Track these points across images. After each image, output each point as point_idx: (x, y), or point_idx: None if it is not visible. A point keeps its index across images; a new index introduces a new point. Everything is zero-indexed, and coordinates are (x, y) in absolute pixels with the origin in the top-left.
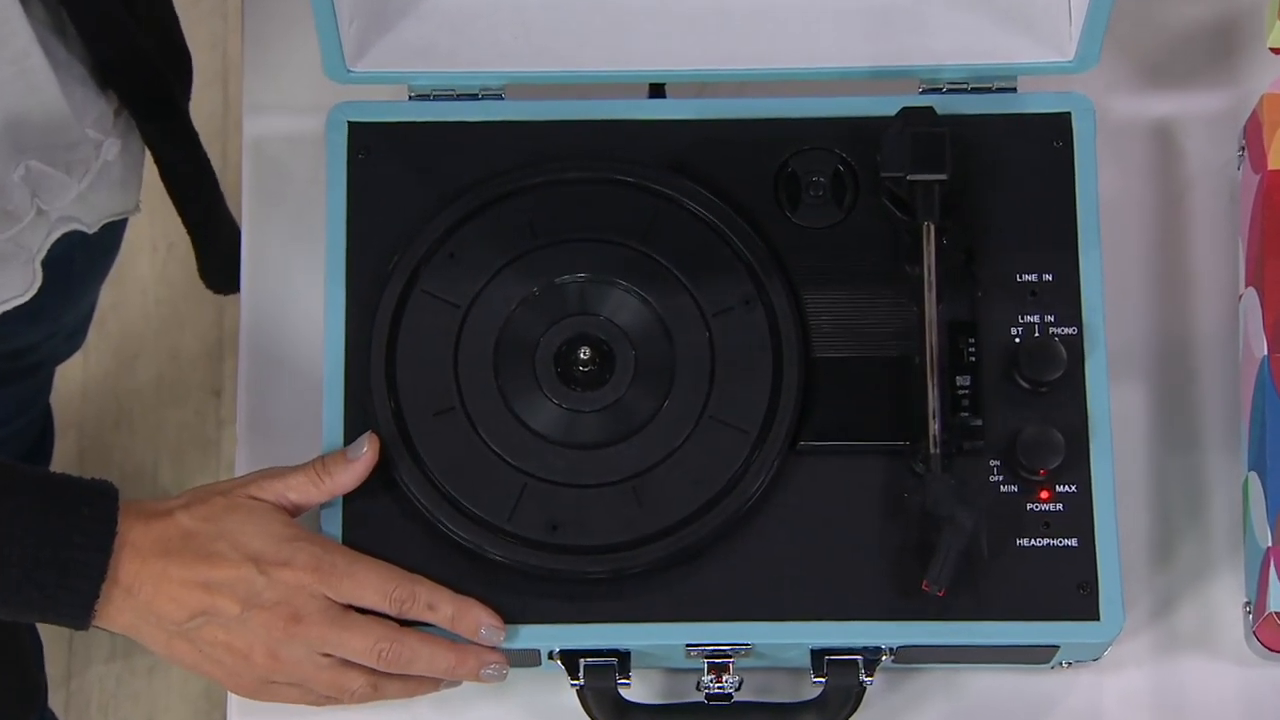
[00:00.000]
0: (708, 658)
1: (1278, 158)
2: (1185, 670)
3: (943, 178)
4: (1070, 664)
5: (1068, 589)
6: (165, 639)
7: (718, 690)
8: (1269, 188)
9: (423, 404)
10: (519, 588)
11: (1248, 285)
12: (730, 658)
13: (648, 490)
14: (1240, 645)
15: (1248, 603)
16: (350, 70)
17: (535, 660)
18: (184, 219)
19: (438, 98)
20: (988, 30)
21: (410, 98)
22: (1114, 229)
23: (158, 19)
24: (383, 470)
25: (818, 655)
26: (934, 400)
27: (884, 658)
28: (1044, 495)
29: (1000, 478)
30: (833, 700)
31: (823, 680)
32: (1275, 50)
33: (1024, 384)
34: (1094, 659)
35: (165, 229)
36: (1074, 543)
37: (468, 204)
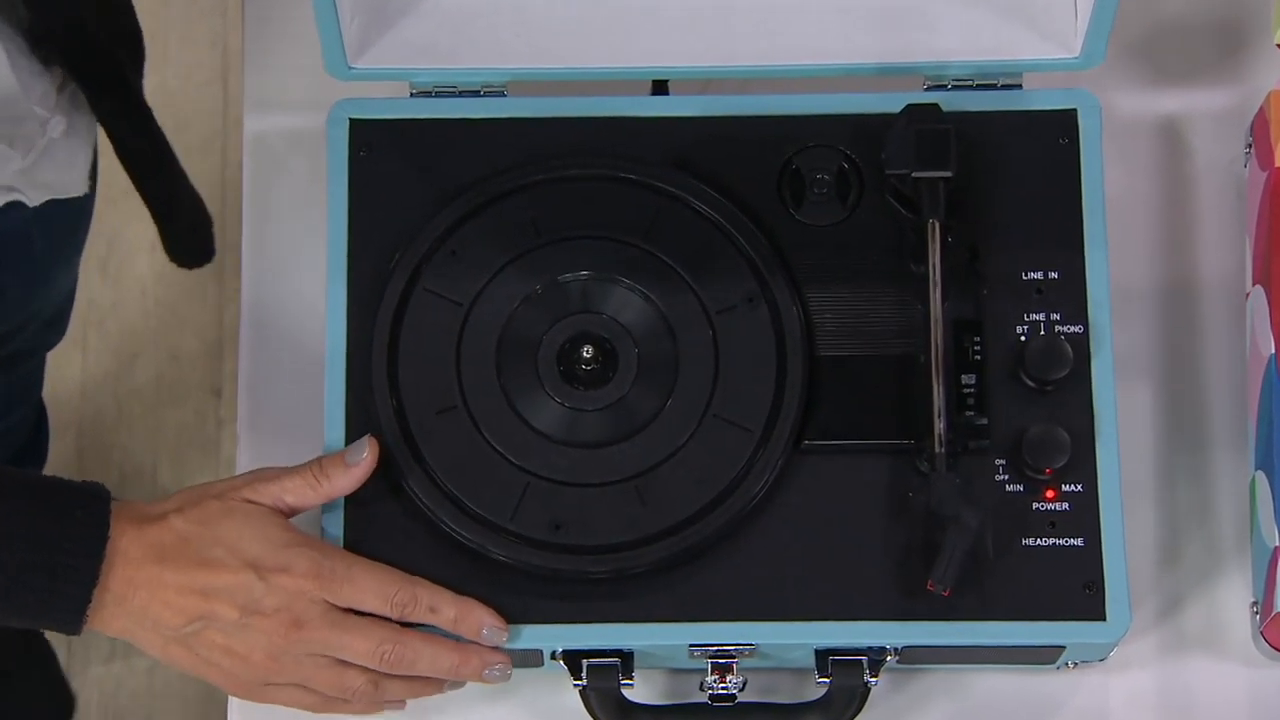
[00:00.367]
0: (711, 658)
1: None
2: (1192, 670)
3: (948, 175)
4: (1076, 664)
5: (1073, 589)
6: (161, 643)
7: (721, 691)
8: (1276, 185)
9: (425, 403)
10: (521, 587)
11: (1255, 283)
12: (734, 658)
13: (651, 489)
14: (1247, 645)
15: (1255, 602)
16: (351, 67)
17: (538, 660)
18: (143, 196)
19: (439, 95)
20: (993, 27)
21: (412, 95)
22: (1120, 227)
23: None
24: (385, 469)
25: (822, 655)
26: (939, 399)
27: (889, 658)
28: (1050, 494)
29: (1006, 477)
30: (837, 701)
31: (827, 681)
32: None
33: (1030, 383)
34: (1100, 659)
35: None
36: (1080, 542)
37: (470, 201)
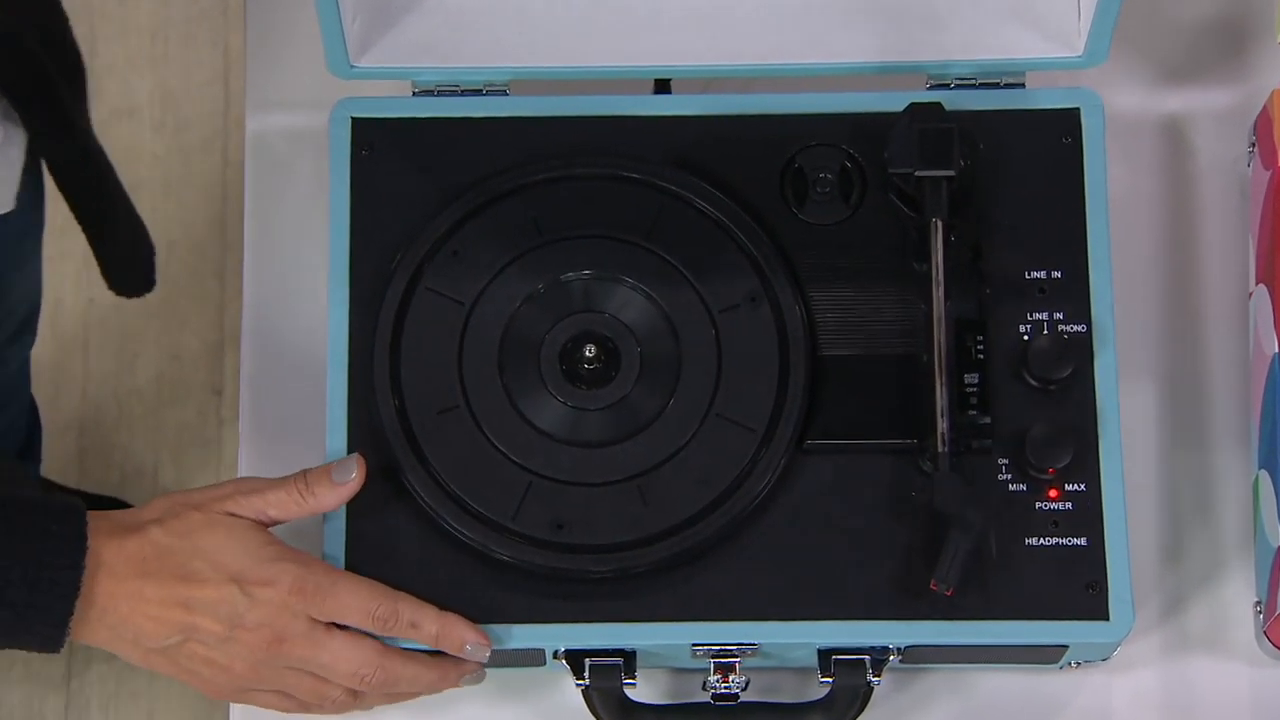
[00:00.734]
0: (714, 657)
1: None
2: (1195, 670)
3: (950, 174)
4: (1079, 664)
5: (1077, 588)
6: (142, 654)
7: (724, 690)
8: (1279, 184)
9: (427, 402)
10: (523, 587)
11: (1258, 282)
12: (736, 657)
13: (653, 489)
14: (1251, 645)
15: (1258, 602)
16: (354, 66)
17: (540, 660)
18: (77, 218)
19: (442, 93)
20: (996, 25)
21: (414, 93)
22: (1123, 226)
23: (38, 14)
24: (386, 469)
25: (825, 655)
26: (942, 398)
27: (891, 658)
28: (1053, 494)
29: (1009, 476)
30: (840, 700)
31: (830, 680)
32: None
33: (1033, 382)
34: (1103, 659)
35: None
36: (1083, 542)
37: (472, 200)
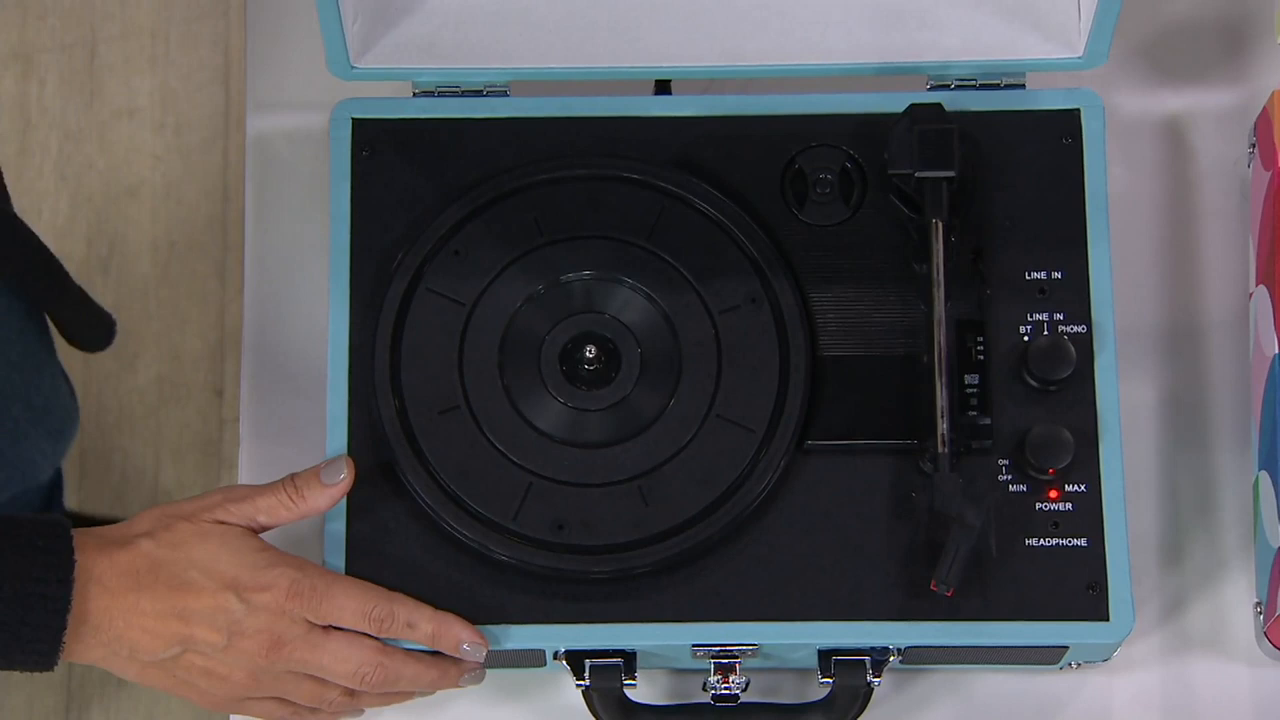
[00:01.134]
0: (714, 658)
1: None
2: (1195, 671)
3: (951, 175)
4: (1079, 665)
5: (1077, 589)
6: (138, 669)
7: (724, 691)
8: (1279, 185)
9: (427, 402)
10: (524, 587)
11: (1258, 283)
12: (737, 658)
13: (654, 489)
14: (1251, 646)
15: (1258, 603)
16: (354, 67)
17: (540, 661)
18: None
19: (442, 94)
20: (996, 26)
21: (415, 94)
22: (1123, 226)
23: None
24: (387, 469)
25: (825, 656)
26: (942, 399)
27: (892, 658)
28: (1053, 495)
29: (1009, 477)
30: (840, 701)
31: (830, 681)
32: None
33: (1033, 383)
34: (1103, 660)
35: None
36: (1083, 542)
37: (472, 201)
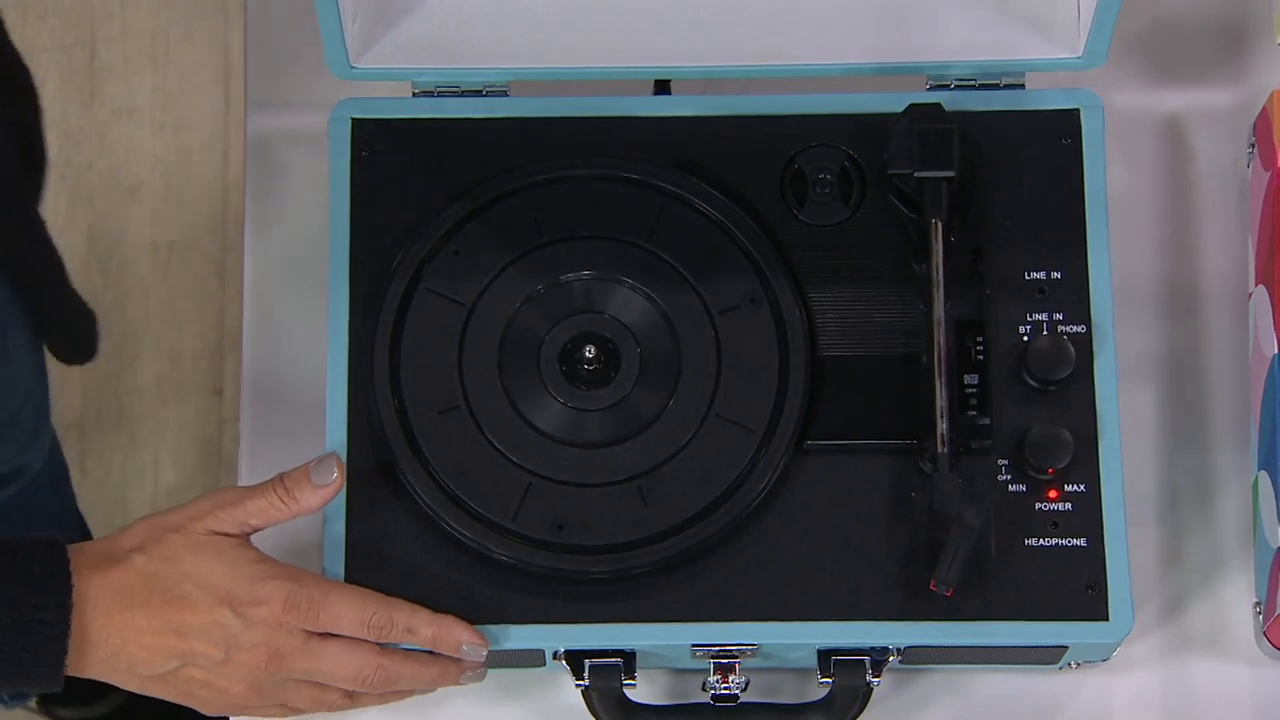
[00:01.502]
0: (714, 658)
1: None
2: (1195, 671)
3: (950, 175)
4: (1079, 665)
5: (1076, 589)
6: (138, 682)
7: (724, 691)
8: (1278, 185)
9: (427, 402)
10: (523, 587)
11: (1258, 283)
12: (736, 658)
13: (653, 489)
14: (1250, 646)
15: (1258, 603)
16: (354, 67)
17: (540, 661)
18: (30, 304)
19: (442, 94)
20: (996, 26)
21: (414, 94)
22: (1123, 226)
23: (18, 111)
24: (386, 469)
25: (824, 656)
26: (942, 399)
27: (891, 658)
28: (1052, 495)
29: (1008, 477)
30: (839, 701)
31: (829, 681)
32: None
33: (1032, 383)
34: (1103, 660)
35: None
36: (1083, 542)
37: (472, 201)
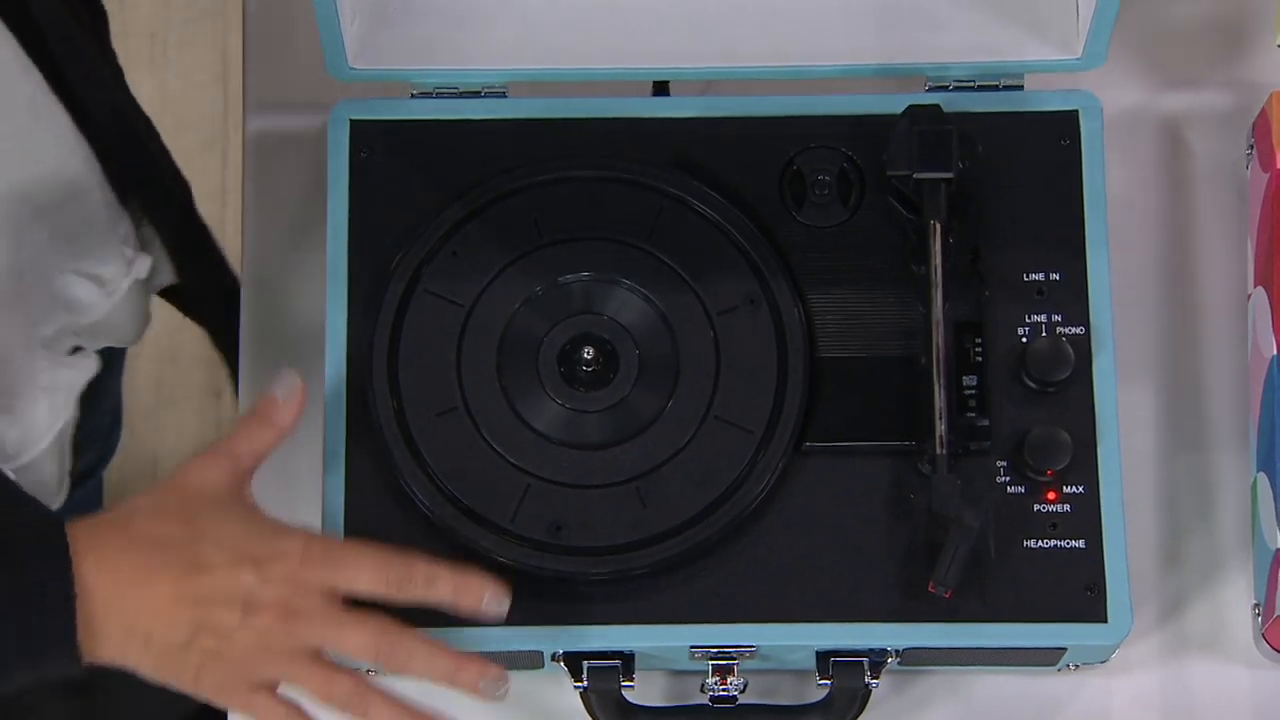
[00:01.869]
0: (712, 660)
1: None
2: (1194, 673)
3: (949, 176)
4: (1078, 666)
5: (1075, 591)
6: (154, 659)
7: (722, 692)
8: (1277, 186)
9: (425, 404)
10: (522, 589)
11: (1256, 284)
12: (735, 660)
13: (652, 491)
14: (1249, 647)
15: (1257, 604)
16: (352, 68)
17: (538, 662)
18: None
19: (441, 95)
20: (995, 28)
21: (413, 95)
22: (1122, 228)
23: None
24: (385, 471)
25: (823, 657)
26: (940, 400)
27: (890, 660)
28: (1051, 496)
29: (1007, 478)
30: (838, 702)
31: (828, 682)
32: None
33: (1031, 384)
34: (1102, 661)
35: None
36: (1081, 544)
37: (470, 202)
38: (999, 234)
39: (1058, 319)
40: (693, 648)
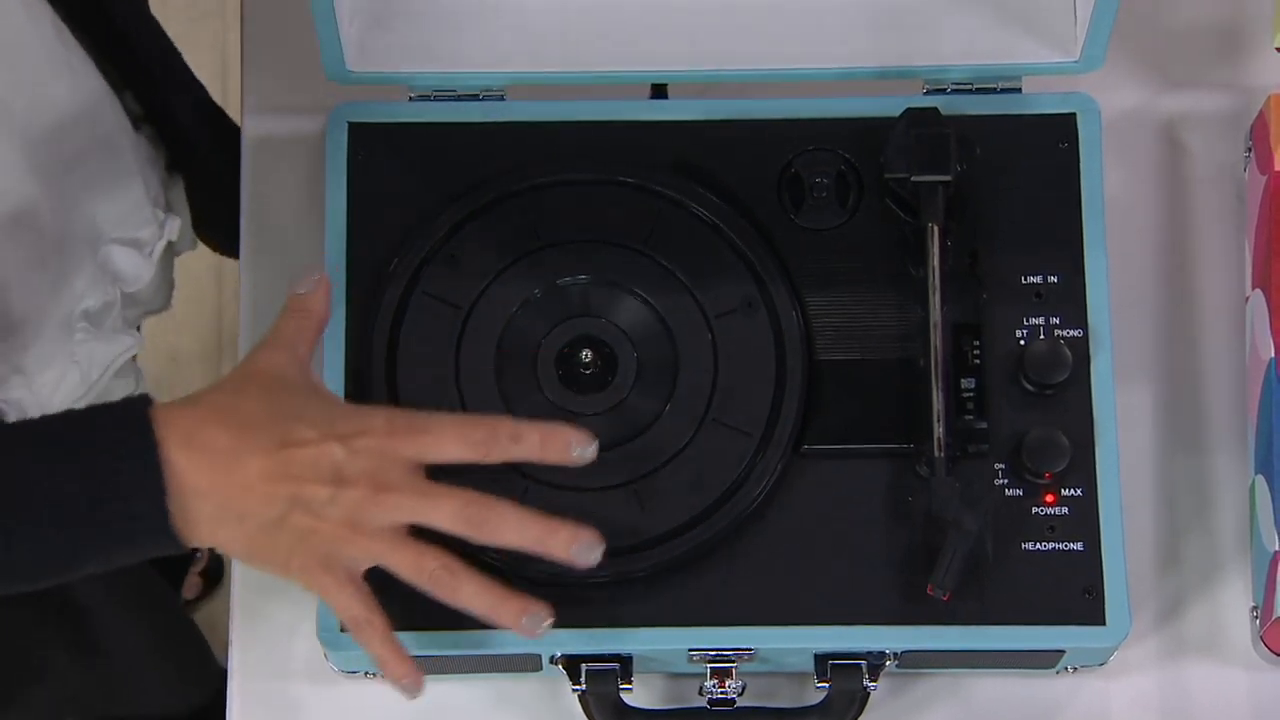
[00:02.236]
0: (710, 662)
1: None
2: (1192, 675)
3: (947, 179)
4: (1076, 669)
5: (1073, 593)
6: (246, 540)
7: (720, 695)
8: (1275, 189)
9: (424, 406)
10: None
11: (1254, 287)
12: (733, 662)
13: (650, 494)
14: (1247, 649)
15: (1255, 607)
16: (351, 71)
17: (537, 665)
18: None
19: (439, 98)
20: (992, 30)
21: (411, 98)
22: (1119, 230)
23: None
24: None
25: (821, 660)
26: (938, 403)
27: (888, 662)
28: (1049, 499)
29: (1005, 481)
30: (836, 705)
31: (826, 685)
32: None
33: (1029, 386)
34: (1100, 664)
35: None
36: (1079, 546)
37: (469, 205)
38: (997, 236)
39: (1056, 321)
40: (691, 650)
